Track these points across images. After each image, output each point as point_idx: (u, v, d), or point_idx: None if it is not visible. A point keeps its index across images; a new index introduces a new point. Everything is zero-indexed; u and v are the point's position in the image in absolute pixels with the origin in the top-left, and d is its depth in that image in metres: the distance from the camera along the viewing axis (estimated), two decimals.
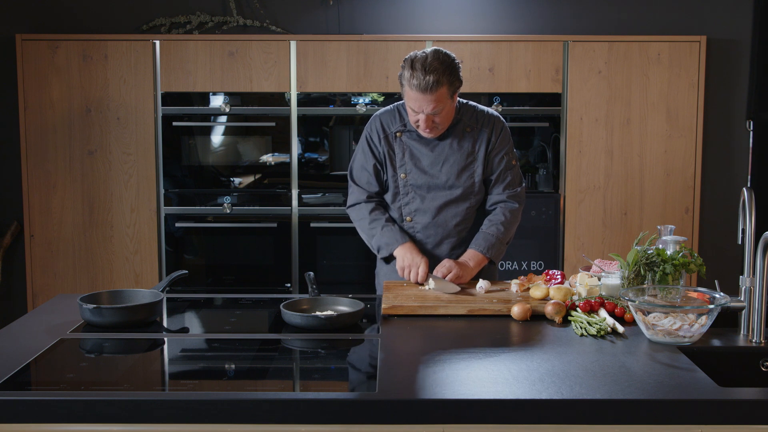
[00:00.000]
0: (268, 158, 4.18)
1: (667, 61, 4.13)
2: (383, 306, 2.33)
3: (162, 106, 4.12)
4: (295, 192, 4.17)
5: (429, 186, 2.72)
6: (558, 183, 4.20)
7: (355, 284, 4.19)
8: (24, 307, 4.37)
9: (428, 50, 2.56)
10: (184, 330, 2.30)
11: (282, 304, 2.28)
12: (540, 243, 4.20)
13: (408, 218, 2.76)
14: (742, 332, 2.13)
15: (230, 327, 2.28)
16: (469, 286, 2.58)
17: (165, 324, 2.33)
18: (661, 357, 1.94)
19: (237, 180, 4.20)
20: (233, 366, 1.98)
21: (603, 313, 2.23)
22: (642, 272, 2.29)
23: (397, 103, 2.79)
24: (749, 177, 4.42)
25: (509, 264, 4.21)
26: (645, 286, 2.25)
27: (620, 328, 2.14)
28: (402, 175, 2.73)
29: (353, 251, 4.18)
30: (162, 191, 4.17)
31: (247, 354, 2.04)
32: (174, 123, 4.13)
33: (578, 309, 2.26)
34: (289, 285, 4.21)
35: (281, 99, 4.12)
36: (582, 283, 2.39)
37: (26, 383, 1.79)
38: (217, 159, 4.20)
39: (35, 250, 4.18)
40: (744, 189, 2.09)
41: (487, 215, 2.76)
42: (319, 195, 4.19)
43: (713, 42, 4.35)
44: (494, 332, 2.17)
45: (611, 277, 2.37)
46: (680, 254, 2.29)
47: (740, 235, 2.10)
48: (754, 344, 2.07)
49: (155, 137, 4.14)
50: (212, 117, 4.15)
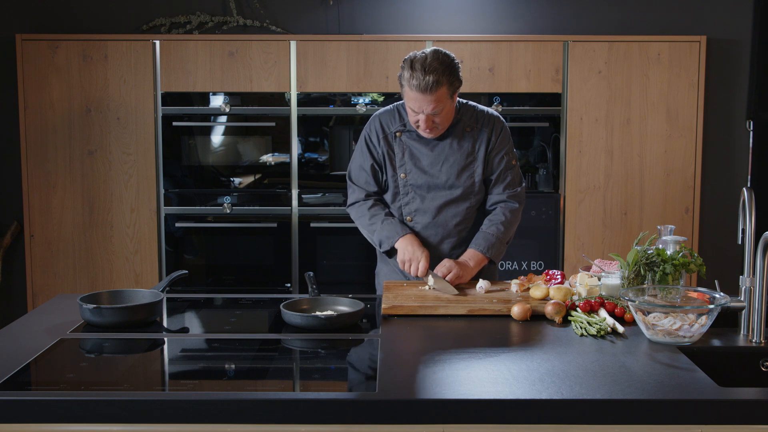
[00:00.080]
0: (268, 158, 4.18)
1: (667, 61, 4.13)
2: (383, 306, 2.33)
3: (162, 106, 4.12)
4: (295, 192, 4.17)
5: (429, 186, 2.72)
6: (558, 183, 4.20)
7: (355, 284, 4.18)
8: (24, 307, 4.37)
9: (428, 50, 2.55)
10: (184, 330, 2.30)
11: (282, 304, 2.28)
12: (540, 243, 4.20)
13: (408, 218, 2.76)
14: (742, 332, 2.13)
15: (230, 327, 2.28)
16: (469, 286, 2.58)
17: (165, 324, 2.33)
18: (661, 357, 1.94)
19: (237, 180, 4.19)
20: (233, 366, 1.98)
21: (603, 313, 2.23)
22: (642, 272, 2.29)
23: (397, 103, 2.79)
24: (749, 177, 4.42)
25: (509, 264, 4.21)
26: (645, 286, 2.25)
27: (620, 328, 2.14)
28: (402, 175, 2.73)
29: (353, 251, 4.18)
30: (162, 191, 4.17)
31: (247, 354, 2.04)
32: (174, 123, 4.13)
33: (578, 309, 2.26)
34: (289, 285, 4.21)
35: (281, 99, 4.12)
36: (582, 283, 2.39)
37: (26, 383, 1.79)
38: (217, 159, 4.20)
39: (35, 250, 4.18)
40: (744, 189, 2.09)
41: (487, 215, 2.76)
42: (319, 195, 4.19)
43: (713, 42, 4.35)
44: (494, 332, 2.17)
45: (611, 277, 2.37)
46: (680, 254, 2.29)
47: (740, 235, 2.10)
48: (754, 344, 2.07)
49: (155, 137, 4.14)
50: (212, 117, 4.15)
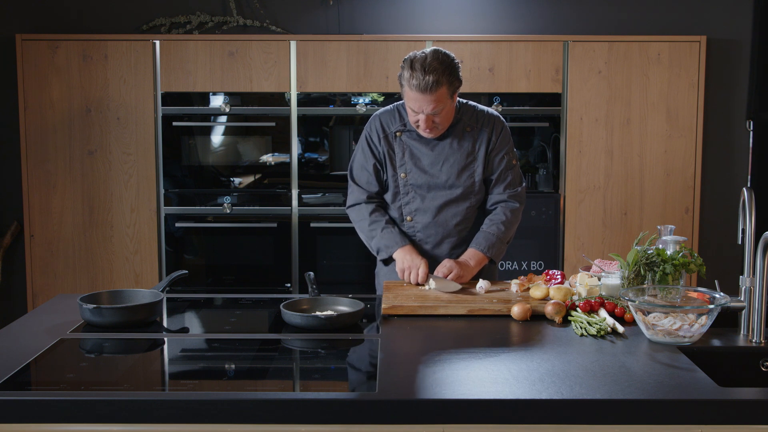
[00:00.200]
0: (268, 158, 4.18)
1: (667, 61, 4.13)
2: (383, 306, 2.33)
3: (162, 106, 4.12)
4: (295, 192, 4.17)
5: (429, 186, 2.72)
6: (558, 183, 4.20)
7: (355, 284, 4.18)
8: (24, 307, 4.37)
9: (428, 50, 2.55)
10: (184, 330, 2.30)
11: (282, 304, 2.28)
12: (540, 243, 4.20)
13: (408, 218, 2.76)
14: (742, 332, 2.13)
15: (230, 327, 2.28)
16: (469, 286, 2.58)
17: (165, 324, 2.33)
18: (661, 357, 1.94)
19: (237, 180, 4.19)
20: (233, 366, 1.98)
21: (603, 313, 2.23)
22: (642, 272, 2.29)
23: (397, 103, 2.79)
24: (749, 177, 4.42)
25: (509, 264, 4.21)
26: (645, 286, 2.25)
27: (620, 328, 2.14)
28: (402, 175, 2.73)
29: (353, 251, 4.18)
30: (162, 191, 4.17)
31: (247, 354, 2.04)
32: (174, 123, 4.13)
33: (578, 309, 2.26)
34: (289, 285, 4.21)
35: (281, 99, 4.12)
36: (582, 283, 2.39)
37: (26, 383, 1.79)
38: (217, 159, 4.20)
39: (35, 250, 4.18)
40: (744, 189, 2.09)
41: (488, 215, 2.77)
42: (319, 195, 4.19)
43: (713, 42, 4.35)
44: (494, 332, 2.17)
45: (611, 277, 2.37)
46: (680, 254, 2.29)
47: (740, 235, 2.10)
48: (754, 344, 2.07)
49: (155, 137, 4.14)
50: (212, 117, 4.15)
